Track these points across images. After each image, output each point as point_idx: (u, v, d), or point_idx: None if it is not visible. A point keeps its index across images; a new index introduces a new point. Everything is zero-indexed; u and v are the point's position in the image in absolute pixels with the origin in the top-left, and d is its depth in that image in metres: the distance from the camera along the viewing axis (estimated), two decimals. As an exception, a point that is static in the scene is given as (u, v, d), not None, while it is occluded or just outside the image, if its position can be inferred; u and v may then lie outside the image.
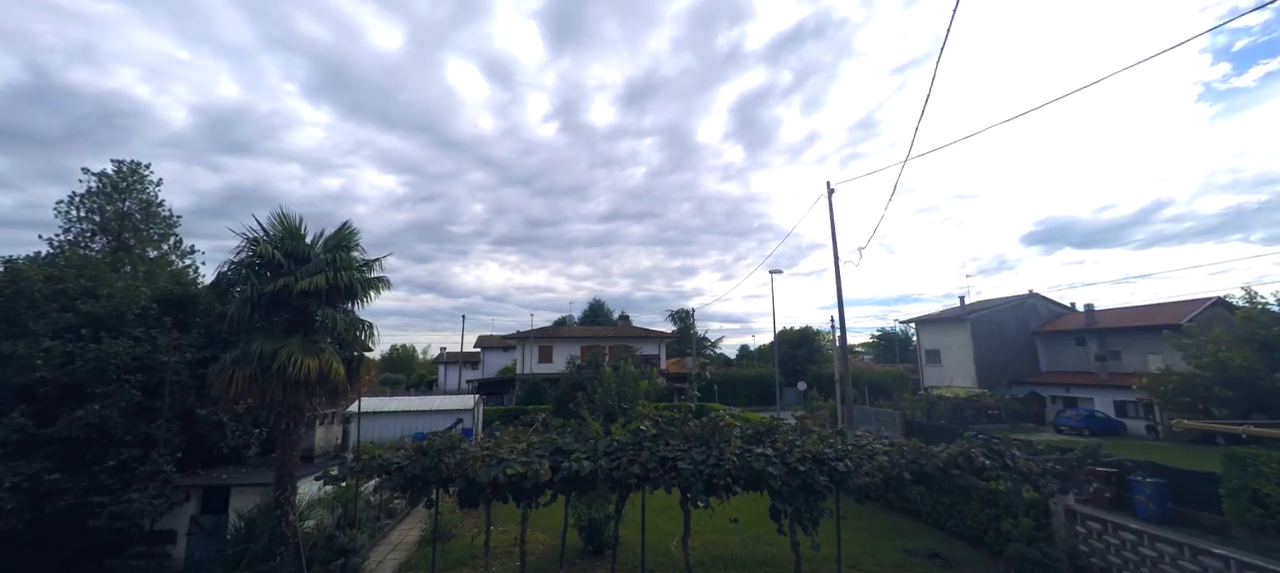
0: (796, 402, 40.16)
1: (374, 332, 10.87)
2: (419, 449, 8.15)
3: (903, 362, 60.04)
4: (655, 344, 45.30)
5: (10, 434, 8.71)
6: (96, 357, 9.68)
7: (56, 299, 10.45)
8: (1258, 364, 18.86)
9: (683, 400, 34.52)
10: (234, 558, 9.53)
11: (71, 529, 9.33)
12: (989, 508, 10.98)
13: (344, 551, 10.20)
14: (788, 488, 7.44)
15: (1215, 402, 19.05)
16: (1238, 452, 10.72)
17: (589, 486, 7.80)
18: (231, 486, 11.05)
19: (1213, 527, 10.95)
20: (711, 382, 43.30)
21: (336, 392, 10.03)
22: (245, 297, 9.49)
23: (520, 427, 25.80)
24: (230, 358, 9.15)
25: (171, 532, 10.73)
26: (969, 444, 8.52)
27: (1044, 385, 33.85)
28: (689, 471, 7.50)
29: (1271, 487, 9.89)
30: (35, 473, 8.66)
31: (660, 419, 9.22)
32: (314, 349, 9.44)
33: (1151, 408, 25.97)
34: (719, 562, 10.44)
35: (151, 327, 11.05)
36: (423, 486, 7.86)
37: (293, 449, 9.89)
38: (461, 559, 10.66)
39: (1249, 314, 22.33)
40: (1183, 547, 8.05)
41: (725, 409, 27.99)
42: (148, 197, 18.47)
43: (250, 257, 9.86)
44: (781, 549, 9.69)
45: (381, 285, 10.90)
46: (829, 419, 24.90)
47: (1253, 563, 7.16)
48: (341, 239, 10.59)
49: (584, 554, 10.74)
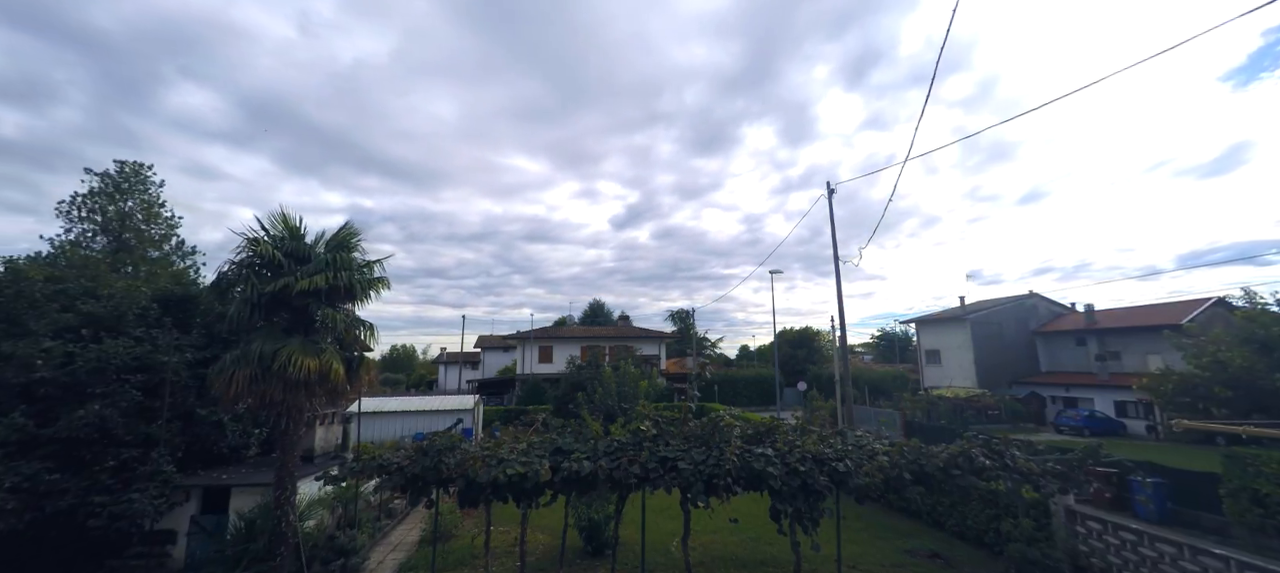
0: (796, 402, 40.12)
1: (374, 332, 10.89)
2: (419, 449, 8.15)
3: (903, 362, 60.01)
4: (655, 344, 45.35)
5: (10, 434, 8.72)
6: (97, 357, 9.68)
7: (57, 299, 10.46)
8: (1258, 364, 18.85)
9: (683, 401, 34.44)
10: (234, 558, 9.52)
11: (71, 529, 9.31)
12: (989, 508, 10.99)
13: (344, 551, 10.20)
14: (788, 488, 7.44)
15: (1215, 402, 19.03)
16: (1238, 452, 10.70)
17: (589, 486, 7.80)
18: (232, 486, 11.05)
19: (1213, 527, 10.93)
20: (711, 382, 43.24)
21: (336, 392, 10.02)
22: (245, 297, 9.48)
23: (520, 427, 25.89)
24: (230, 358, 9.15)
25: (172, 532, 10.73)
26: (969, 444, 8.52)
27: (1044, 386, 33.83)
28: (689, 471, 7.51)
29: (1271, 487, 9.88)
30: (35, 473, 8.66)
31: (660, 419, 9.22)
32: (314, 349, 9.43)
33: (1151, 408, 25.95)
34: (719, 562, 10.44)
35: (152, 327, 11.06)
36: (423, 486, 7.87)
37: (293, 449, 9.89)
38: (461, 559, 10.66)
39: (1249, 314, 22.37)
40: (1183, 547, 8.06)
41: (725, 409, 27.99)
42: (149, 197, 18.52)
43: (250, 256, 9.86)
44: (781, 549, 9.70)
45: (382, 285, 10.90)
46: (829, 419, 24.94)
47: (1253, 563, 7.17)
48: (342, 239, 10.59)
49: (584, 554, 10.75)
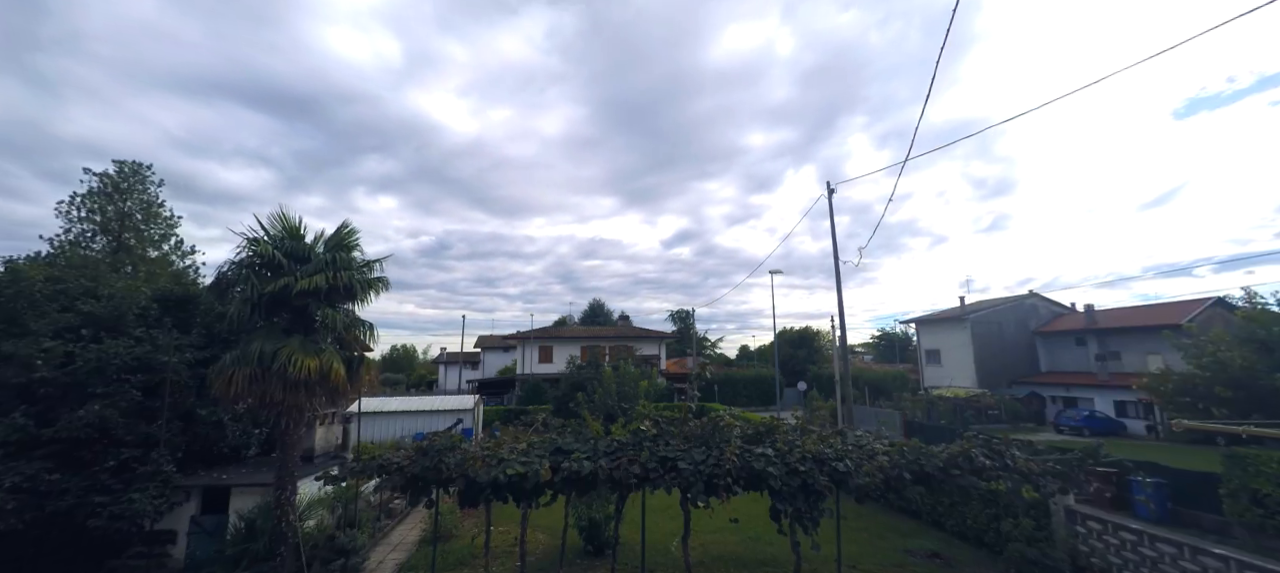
0: (796, 402, 40.14)
1: (374, 332, 10.90)
2: (419, 449, 8.15)
3: (903, 362, 59.97)
4: (655, 344, 45.30)
5: (10, 434, 8.72)
6: (97, 357, 9.68)
7: (56, 299, 10.46)
8: (1258, 364, 18.85)
9: (683, 401, 34.50)
10: (234, 558, 9.52)
11: (72, 529, 9.31)
12: (989, 508, 10.98)
13: (344, 551, 10.20)
14: (788, 488, 7.44)
15: (1215, 402, 19.02)
16: (1238, 452, 10.72)
17: (589, 486, 7.79)
18: (232, 486, 11.05)
19: (1213, 527, 10.95)
20: (711, 382, 43.26)
21: (336, 392, 10.01)
22: (245, 297, 9.48)
23: (520, 427, 25.82)
24: (230, 358, 9.14)
25: (172, 532, 10.73)
26: (969, 444, 8.51)
27: (1044, 386, 33.85)
28: (689, 471, 7.50)
29: (1271, 487, 9.90)
30: (35, 473, 8.66)
31: (660, 419, 9.23)
32: (314, 349, 9.43)
33: (1151, 408, 25.96)
34: (719, 562, 10.44)
35: (152, 327, 11.06)
36: (423, 486, 7.86)
37: (293, 449, 9.89)
38: (462, 559, 10.66)
39: (1249, 314, 22.37)
40: (1183, 547, 8.05)
41: (725, 409, 28.01)
42: (149, 197, 18.51)
43: (250, 256, 9.86)
44: (781, 549, 9.70)
45: (381, 286, 10.90)
46: (829, 419, 24.95)
47: (1253, 563, 7.16)
48: (341, 239, 10.59)
49: (584, 554, 10.74)
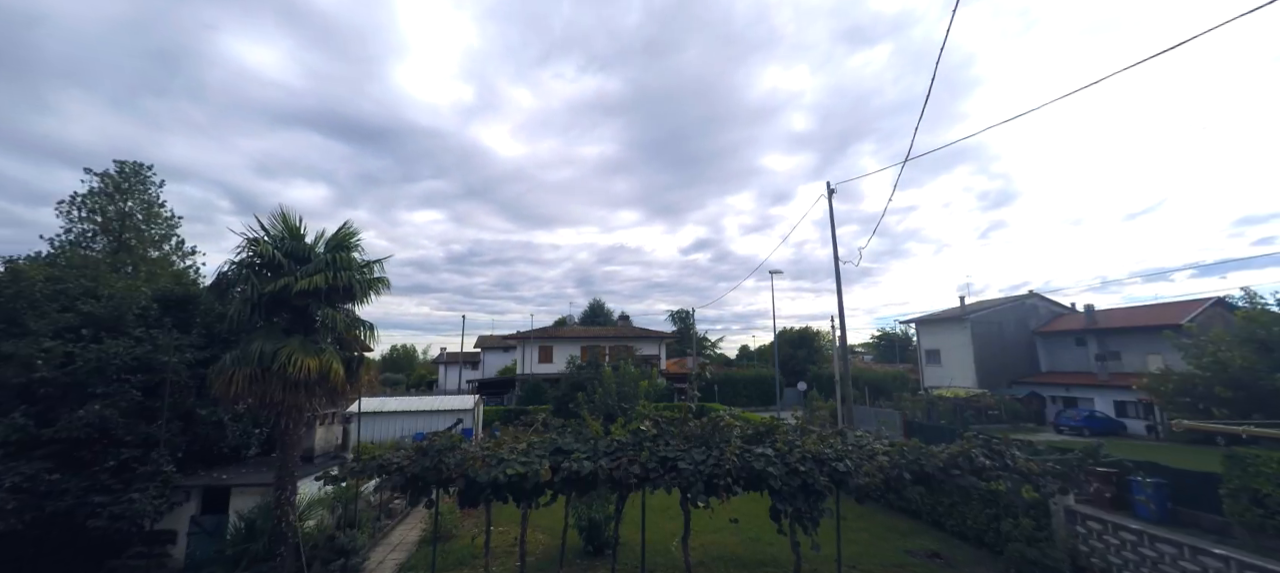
0: (796, 402, 40.14)
1: (374, 332, 10.89)
2: (419, 449, 8.15)
3: (903, 362, 59.98)
4: (655, 344, 45.33)
5: (10, 434, 8.71)
6: (97, 357, 9.68)
7: (56, 299, 10.45)
8: (1258, 364, 18.83)
9: (683, 401, 34.51)
10: (234, 558, 9.51)
11: (72, 529, 9.29)
12: (989, 508, 10.98)
13: (344, 551, 10.19)
14: (788, 488, 7.45)
15: (1215, 402, 19.00)
16: (1238, 452, 10.71)
17: (589, 486, 7.80)
18: (232, 486, 11.04)
19: (1213, 527, 10.95)
20: (711, 382, 43.28)
21: (336, 392, 10.01)
22: (245, 297, 9.49)
23: (520, 427, 25.83)
24: (230, 358, 9.14)
25: (172, 532, 10.72)
26: (969, 444, 8.52)
27: (1044, 386, 33.84)
28: (689, 470, 7.51)
29: (1271, 487, 9.89)
30: (35, 473, 8.65)
31: (660, 419, 9.23)
32: (314, 349, 9.44)
33: (1151, 408, 25.95)
34: (719, 562, 10.44)
35: (152, 327, 11.05)
36: (423, 486, 7.87)
37: (293, 449, 9.89)
38: (461, 559, 10.66)
39: (1249, 314, 22.32)
40: (1183, 547, 8.06)
41: (725, 409, 28.02)
42: (149, 197, 18.50)
43: (250, 256, 9.86)
44: (781, 549, 9.70)
45: (381, 286, 10.90)
46: (829, 419, 24.96)
47: (1253, 563, 7.17)
48: (342, 239, 10.58)
49: (584, 554, 10.74)
